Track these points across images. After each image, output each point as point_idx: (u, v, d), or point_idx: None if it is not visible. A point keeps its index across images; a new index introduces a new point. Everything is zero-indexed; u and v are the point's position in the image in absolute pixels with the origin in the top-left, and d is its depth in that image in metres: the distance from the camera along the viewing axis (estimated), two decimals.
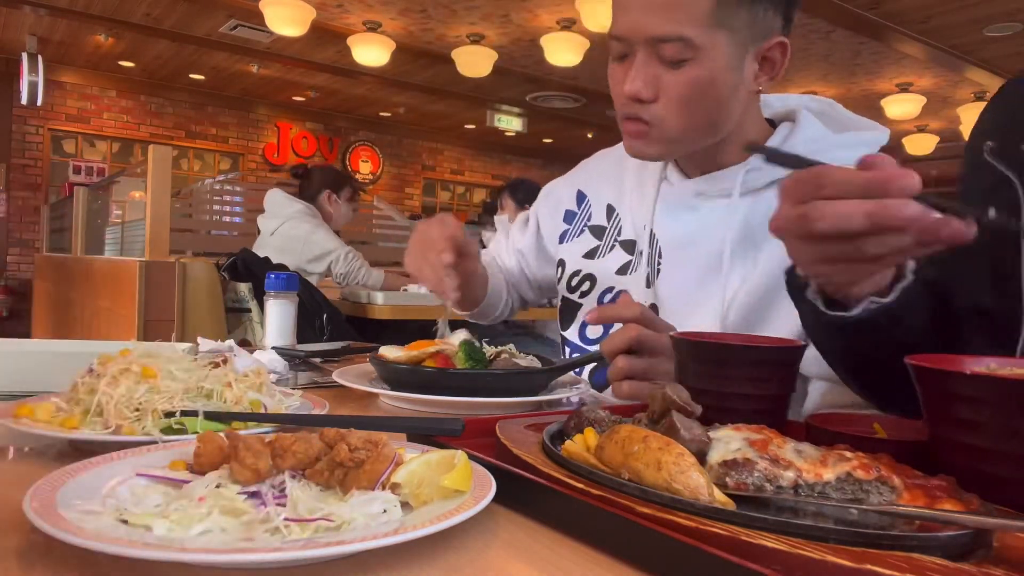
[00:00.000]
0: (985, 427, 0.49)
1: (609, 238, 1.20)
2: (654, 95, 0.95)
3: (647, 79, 0.94)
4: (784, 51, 0.98)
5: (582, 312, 1.20)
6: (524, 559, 0.46)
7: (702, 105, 0.95)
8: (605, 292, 1.16)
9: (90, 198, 4.87)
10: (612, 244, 1.19)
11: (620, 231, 1.18)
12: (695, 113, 0.96)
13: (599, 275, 1.18)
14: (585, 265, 1.21)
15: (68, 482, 0.49)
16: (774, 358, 0.70)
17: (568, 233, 1.27)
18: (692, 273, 1.06)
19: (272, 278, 1.34)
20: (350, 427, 0.55)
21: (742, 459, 0.50)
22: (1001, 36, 6.14)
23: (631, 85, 0.95)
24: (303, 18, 5.72)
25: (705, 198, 1.07)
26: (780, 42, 0.97)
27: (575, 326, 1.21)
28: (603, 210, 1.22)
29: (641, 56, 0.94)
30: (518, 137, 10.36)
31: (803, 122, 1.05)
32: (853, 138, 1.05)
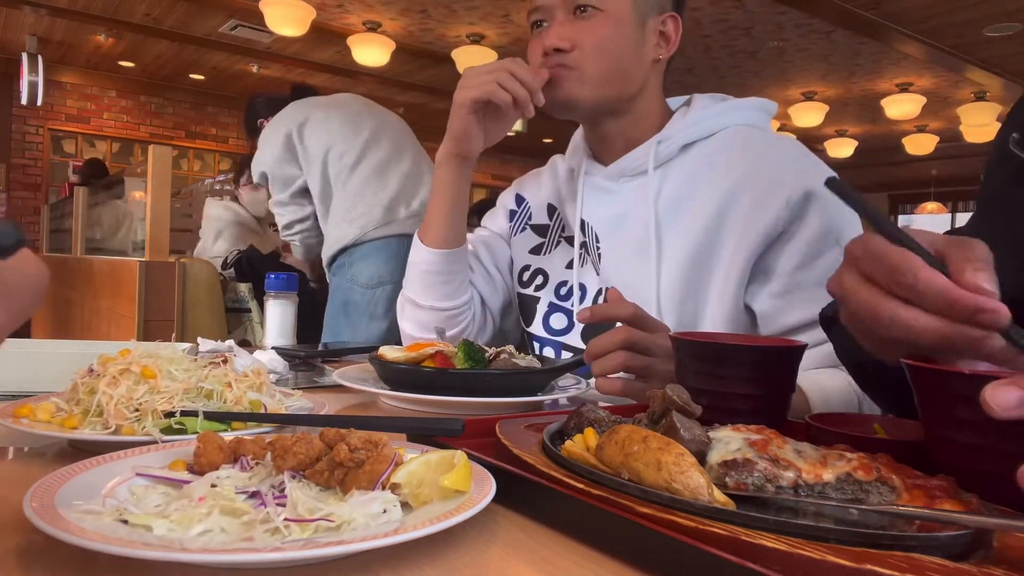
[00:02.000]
0: (982, 426, 0.49)
1: (554, 235, 1.28)
2: (571, 44, 1.09)
3: (563, 33, 1.09)
4: (676, 25, 1.14)
5: (541, 304, 1.25)
6: (524, 559, 0.46)
7: (612, 51, 1.09)
8: (559, 286, 1.23)
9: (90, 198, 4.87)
10: (558, 240, 1.27)
11: (564, 228, 1.27)
12: (607, 57, 1.09)
13: (550, 270, 1.26)
14: (533, 260, 1.29)
15: (68, 482, 0.49)
16: (774, 358, 0.70)
17: (512, 229, 1.35)
18: (626, 250, 1.14)
19: (272, 278, 1.34)
20: (350, 427, 0.55)
21: (742, 459, 0.50)
22: (1001, 36, 6.14)
23: (550, 39, 1.09)
24: (303, 18, 5.72)
25: (624, 178, 1.16)
26: (671, 16, 1.14)
27: (538, 318, 1.25)
28: (543, 209, 1.30)
29: (559, 17, 1.10)
30: (518, 137, 10.34)
31: (695, 100, 1.19)
32: (741, 102, 1.17)
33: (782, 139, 1.12)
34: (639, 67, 1.12)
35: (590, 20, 1.09)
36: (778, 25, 6.15)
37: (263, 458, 0.55)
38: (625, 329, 0.87)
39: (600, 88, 1.11)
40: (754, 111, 1.17)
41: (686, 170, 1.12)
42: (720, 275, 1.05)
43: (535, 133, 10.09)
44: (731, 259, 1.03)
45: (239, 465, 0.54)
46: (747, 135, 1.12)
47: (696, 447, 0.51)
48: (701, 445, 0.52)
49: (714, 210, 1.06)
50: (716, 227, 1.05)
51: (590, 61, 1.09)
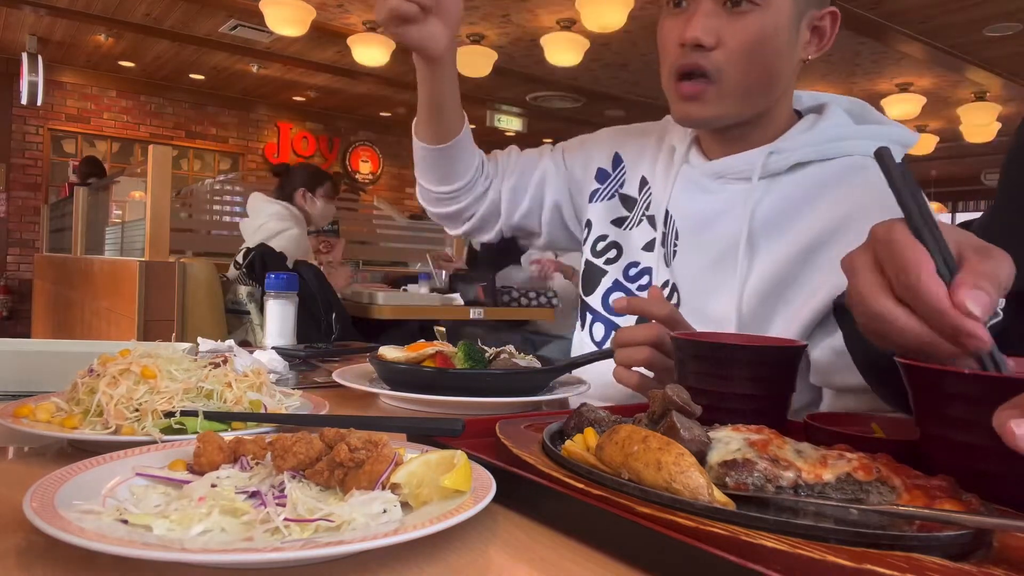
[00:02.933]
0: (977, 425, 0.49)
1: (638, 211, 1.17)
2: (715, 42, 0.94)
3: (709, 25, 0.93)
4: (835, 21, 1.00)
5: (607, 279, 1.17)
6: (524, 559, 0.46)
7: (762, 58, 0.95)
8: (631, 266, 1.14)
9: (90, 198, 4.88)
10: (641, 218, 1.16)
11: (648, 206, 1.16)
12: (755, 66, 0.95)
13: (626, 246, 1.17)
14: (612, 232, 1.19)
15: (68, 482, 0.49)
16: (774, 358, 0.70)
17: (598, 193, 1.23)
18: (706, 258, 1.04)
19: (272, 278, 1.34)
20: (350, 427, 0.55)
21: (742, 459, 0.50)
22: (1001, 36, 6.14)
23: (692, 30, 0.93)
24: (303, 18, 5.72)
25: (724, 180, 1.05)
26: (832, 12, 0.99)
27: (599, 292, 1.17)
28: (637, 181, 1.19)
29: (706, 5, 0.94)
30: (518, 137, 10.35)
31: (829, 112, 1.05)
32: (878, 131, 1.04)
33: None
34: (787, 72, 0.99)
35: (744, 17, 0.93)
36: None
37: (263, 458, 0.55)
38: (658, 327, 0.85)
39: (741, 103, 0.98)
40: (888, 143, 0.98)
41: (793, 190, 1.00)
42: (791, 310, 0.95)
43: (535, 133, 10.09)
44: (807, 298, 0.94)
45: (239, 465, 0.54)
46: (870, 172, 0.97)
47: (696, 447, 0.51)
48: (701, 445, 0.52)
49: (808, 242, 0.95)
50: (804, 260, 0.95)
51: (736, 66, 0.94)
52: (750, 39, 0.93)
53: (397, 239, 5.33)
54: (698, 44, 0.94)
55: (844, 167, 1.00)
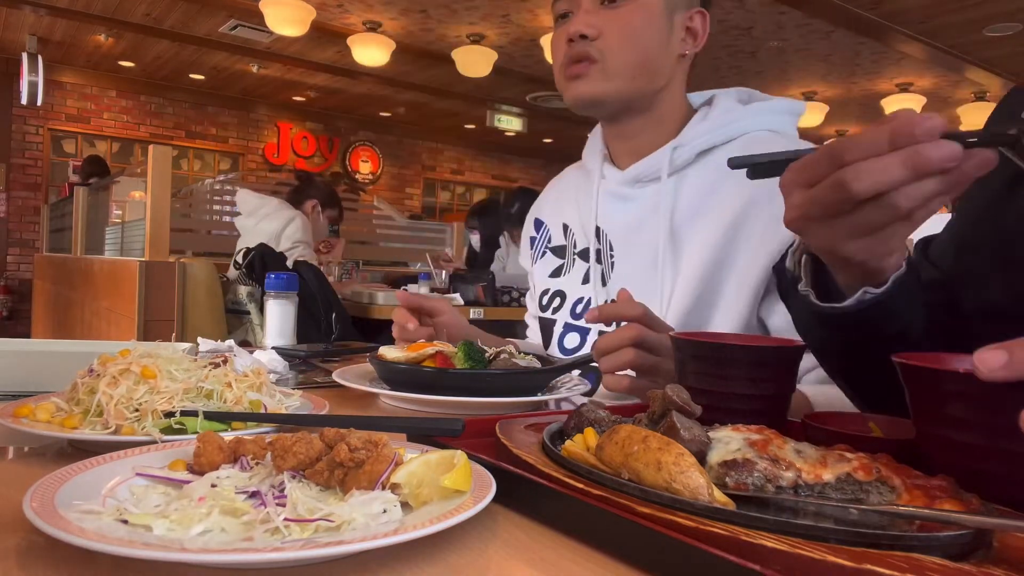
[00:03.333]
0: (976, 425, 0.49)
1: (569, 255, 1.26)
2: (597, 32, 1.06)
3: (590, 18, 1.07)
4: (704, 21, 1.12)
5: (557, 327, 1.23)
6: (524, 559, 0.46)
7: (639, 42, 1.06)
8: (576, 303, 1.21)
9: (90, 198, 4.88)
10: (573, 259, 1.25)
11: (576, 244, 1.25)
12: (634, 48, 1.06)
13: (567, 290, 1.24)
14: (552, 284, 1.27)
15: (68, 482, 0.49)
16: (774, 358, 0.70)
17: (534, 256, 1.34)
18: (640, 261, 1.11)
19: (272, 278, 1.34)
20: (350, 427, 0.55)
21: (742, 459, 0.50)
22: (1001, 36, 6.14)
23: (575, 25, 1.06)
24: (303, 18, 5.72)
25: (639, 185, 1.14)
26: (699, 11, 1.11)
27: (553, 341, 1.24)
28: (560, 230, 1.29)
29: (585, 5, 1.08)
30: (518, 137, 10.35)
31: (718, 100, 1.14)
32: (765, 105, 1.13)
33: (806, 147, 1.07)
34: (666, 61, 1.09)
35: (619, 8, 1.06)
36: (778, 25, 6.14)
37: (263, 458, 0.55)
38: (635, 327, 0.86)
39: (626, 82, 1.08)
40: (779, 115, 1.12)
41: (703, 178, 1.09)
42: (732, 289, 1.02)
43: (534, 133, 10.09)
44: (745, 272, 1.01)
45: (239, 465, 0.54)
46: (768, 143, 1.06)
47: (696, 447, 0.51)
48: (701, 445, 0.52)
49: (730, 221, 1.03)
50: (731, 239, 1.02)
51: (617, 51, 1.06)
52: (627, 26, 1.06)
53: (397, 239, 5.33)
54: (582, 35, 1.06)
55: (744, 144, 1.09)
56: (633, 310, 0.88)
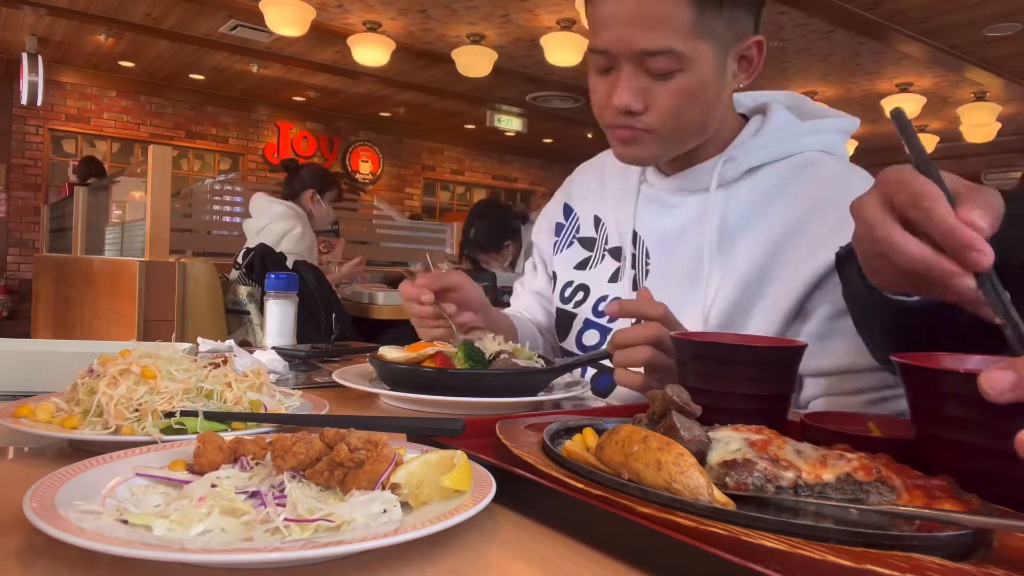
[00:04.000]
0: (973, 424, 0.49)
1: (599, 249, 1.22)
2: (644, 106, 0.96)
3: (636, 91, 0.95)
4: (760, 48, 1.01)
5: (577, 321, 1.20)
6: (524, 559, 0.46)
7: (691, 111, 0.97)
8: (600, 300, 1.18)
9: (90, 198, 4.88)
10: (603, 254, 1.21)
11: (607, 240, 1.20)
12: (685, 119, 0.98)
13: (592, 285, 1.20)
14: (577, 276, 1.23)
15: (68, 482, 0.49)
16: (774, 358, 0.70)
17: (557, 244, 1.29)
18: (678, 271, 1.07)
19: (272, 278, 1.34)
20: (350, 427, 0.55)
21: (742, 459, 0.50)
22: (1001, 36, 6.14)
23: (620, 98, 0.95)
24: (303, 18, 5.72)
25: (684, 194, 1.10)
26: (757, 41, 1.00)
27: (571, 336, 1.21)
28: (591, 222, 1.24)
29: (628, 69, 0.95)
30: (518, 137, 10.35)
31: (773, 113, 1.09)
32: (820, 124, 1.09)
33: (852, 174, 1.03)
34: (720, 109, 1.02)
35: (670, 80, 0.94)
36: (778, 25, 6.14)
37: (263, 458, 0.55)
38: (656, 326, 0.85)
39: (681, 144, 1.03)
40: (831, 134, 1.09)
41: (751, 194, 1.05)
42: (765, 310, 0.99)
43: (535, 133, 10.10)
44: (779, 296, 0.98)
45: (239, 465, 0.54)
46: (819, 166, 1.03)
47: (696, 447, 0.51)
48: (701, 445, 0.52)
49: (773, 243, 0.99)
50: (770, 261, 0.99)
51: (668, 124, 0.97)
52: (678, 100, 0.95)
53: (397, 239, 5.33)
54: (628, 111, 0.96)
55: (795, 166, 1.04)
56: (654, 309, 0.87)
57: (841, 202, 0.95)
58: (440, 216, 10.67)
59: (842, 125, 1.11)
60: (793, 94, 1.15)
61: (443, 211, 11.15)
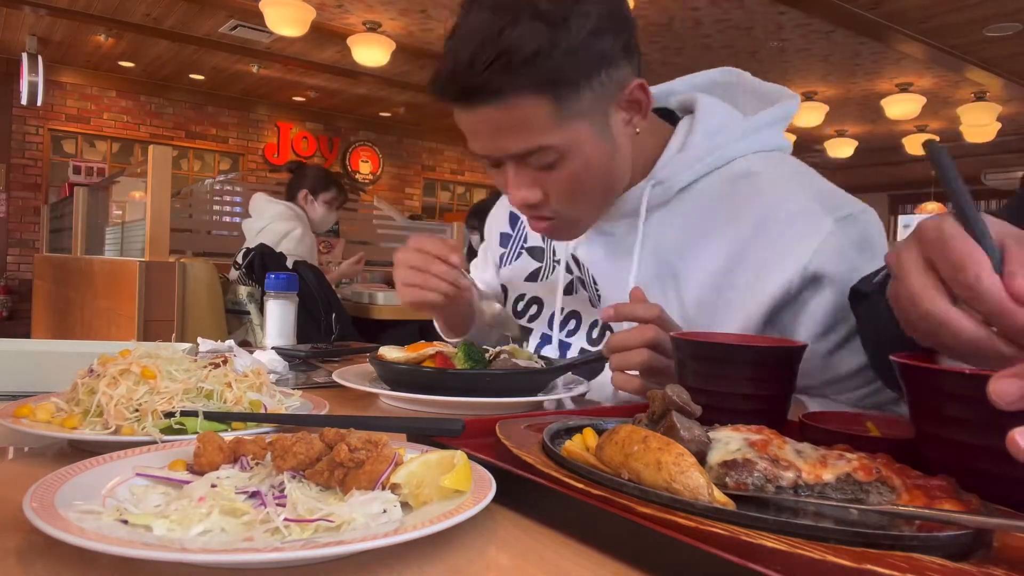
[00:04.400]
0: (973, 424, 0.49)
1: (548, 259, 1.18)
2: (541, 196, 0.93)
3: (528, 185, 0.93)
4: (644, 90, 0.93)
5: (533, 336, 1.18)
6: (524, 559, 0.46)
7: (591, 185, 0.94)
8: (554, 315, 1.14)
9: (90, 198, 4.88)
10: (553, 265, 1.17)
11: (555, 252, 1.16)
12: (589, 194, 0.95)
13: (546, 298, 1.17)
14: (529, 288, 1.20)
15: (68, 482, 0.49)
16: (774, 358, 0.70)
17: (505, 256, 1.26)
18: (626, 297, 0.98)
19: (272, 278, 1.34)
20: (350, 427, 0.55)
21: (742, 459, 0.50)
22: (1001, 36, 6.14)
23: (516, 196, 0.93)
24: (303, 18, 5.72)
25: (615, 220, 1.04)
26: (638, 84, 0.93)
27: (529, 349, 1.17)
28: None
29: (512, 167, 0.92)
30: None
31: (702, 113, 1.02)
32: (756, 121, 1.01)
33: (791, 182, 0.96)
34: (621, 164, 0.97)
35: (554, 170, 0.91)
36: (778, 25, 6.15)
37: (263, 458, 0.55)
38: (652, 328, 0.84)
39: (597, 211, 1.00)
40: (767, 129, 1.02)
41: (688, 214, 0.99)
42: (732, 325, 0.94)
43: None
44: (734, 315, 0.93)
45: (239, 465, 0.54)
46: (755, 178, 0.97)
47: (696, 447, 0.52)
48: (701, 445, 0.52)
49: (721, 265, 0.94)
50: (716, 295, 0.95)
51: (569, 207, 0.95)
52: (571, 184, 0.92)
53: (397, 239, 5.33)
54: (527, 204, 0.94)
55: (730, 180, 0.98)
56: (649, 312, 0.85)
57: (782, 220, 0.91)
58: (440, 216, 10.67)
59: (780, 113, 1.03)
60: (729, 69, 1.09)
61: (443, 211, 11.14)
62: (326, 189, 3.47)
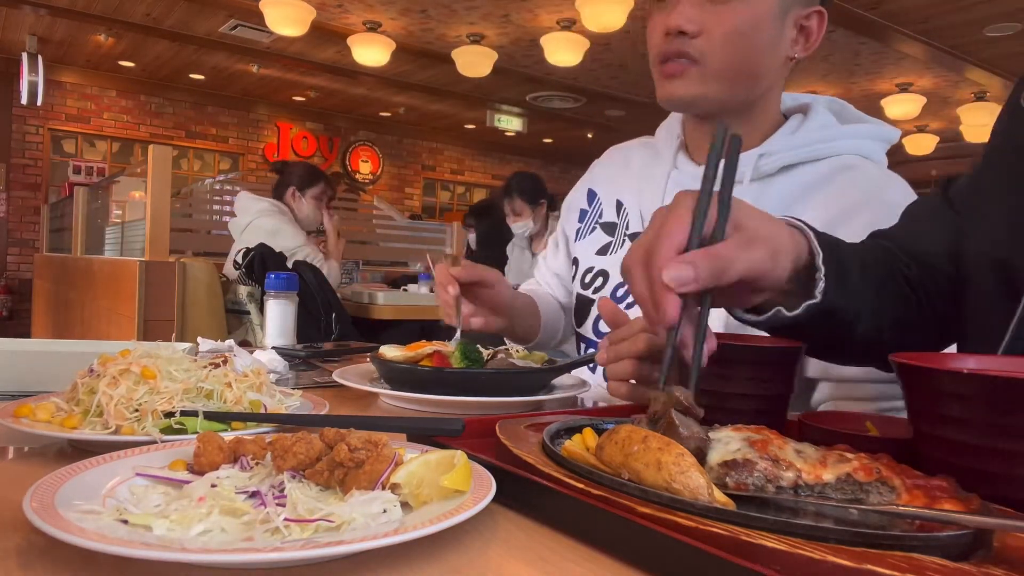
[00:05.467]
0: (975, 425, 0.49)
1: (620, 234, 1.20)
2: (699, 29, 0.96)
3: (692, 12, 0.96)
4: (821, 21, 1.01)
5: (595, 308, 1.19)
6: (524, 559, 0.46)
7: (744, 47, 0.97)
8: (619, 286, 1.17)
9: (90, 198, 4.88)
10: (623, 239, 1.20)
11: (628, 226, 1.19)
12: (737, 54, 0.98)
13: (612, 271, 1.19)
14: (598, 262, 1.22)
15: (68, 482, 0.49)
16: (774, 358, 0.70)
17: (580, 231, 1.29)
18: None
19: (272, 278, 1.34)
20: (350, 427, 0.55)
21: (742, 460, 0.50)
22: (1001, 36, 6.14)
23: (675, 19, 0.96)
24: (303, 18, 5.72)
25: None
26: (818, 10, 1.00)
27: (589, 321, 1.20)
28: (613, 206, 1.23)
29: None
30: (518, 137, 10.35)
31: (813, 113, 1.07)
32: (859, 129, 1.07)
33: (891, 181, 1.03)
34: (771, 66, 1.01)
35: (727, 6, 0.95)
36: None
37: (263, 458, 0.55)
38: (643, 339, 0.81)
39: (726, 87, 1.00)
40: (871, 140, 1.07)
41: (785, 192, 1.03)
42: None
43: (534, 133, 10.10)
44: None
45: (239, 465, 0.54)
46: (857, 170, 1.02)
47: (695, 443, 0.52)
48: (700, 442, 0.52)
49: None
50: None
51: (718, 53, 0.97)
52: (732, 27, 0.96)
53: (397, 239, 5.33)
54: (681, 31, 0.97)
55: (833, 168, 1.03)
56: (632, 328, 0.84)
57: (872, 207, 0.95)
58: (440, 216, 10.67)
59: (883, 133, 1.09)
60: (837, 99, 1.15)
61: (443, 211, 11.15)
62: (313, 184, 3.45)
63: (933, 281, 0.79)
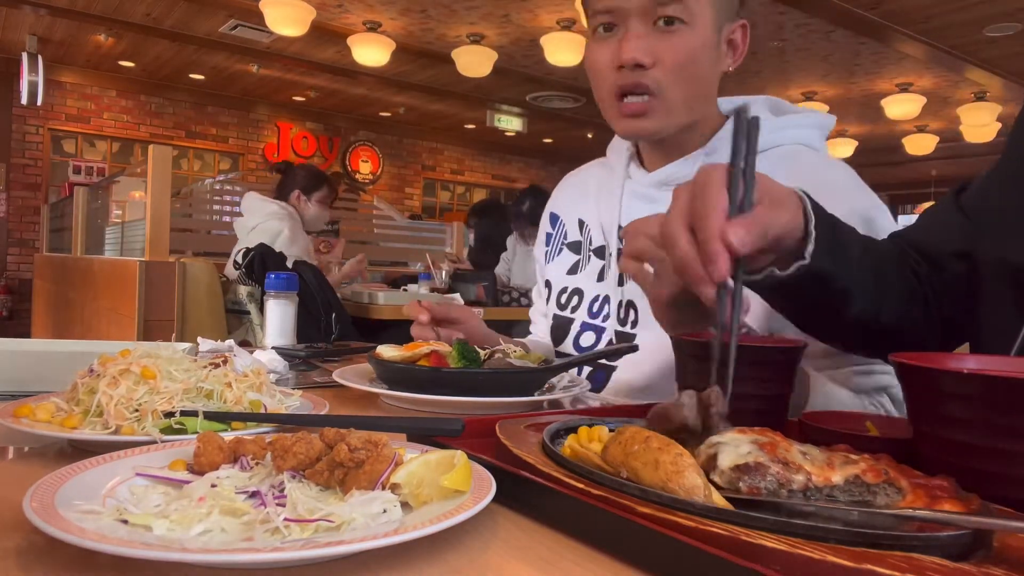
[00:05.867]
0: (975, 425, 0.49)
1: (585, 251, 1.23)
2: (652, 61, 0.98)
3: (643, 45, 0.97)
4: (744, 34, 1.05)
5: (574, 325, 1.21)
6: (524, 559, 0.46)
7: (695, 72, 1.00)
8: (592, 302, 1.19)
9: (90, 198, 4.88)
10: (588, 256, 1.22)
11: (591, 241, 1.22)
12: (691, 78, 1.00)
13: (584, 288, 1.21)
14: (570, 281, 1.24)
15: (68, 482, 0.49)
16: (774, 358, 0.70)
17: (549, 253, 1.31)
18: None
19: (272, 278, 1.34)
20: (350, 427, 0.55)
21: (754, 463, 0.49)
22: (1001, 36, 6.14)
23: (630, 52, 0.97)
24: (303, 18, 5.72)
25: (667, 188, 1.09)
26: (742, 24, 1.04)
27: (569, 339, 1.21)
28: (575, 225, 1.26)
29: (635, 24, 0.98)
30: (518, 137, 10.35)
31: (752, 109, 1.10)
32: (798, 119, 1.10)
33: (835, 166, 1.06)
34: (714, 83, 1.05)
35: (675, 35, 0.97)
36: (778, 25, 6.15)
37: (263, 458, 0.55)
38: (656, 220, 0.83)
39: (684, 113, 1.03)
40: (810, 129, 1.10)
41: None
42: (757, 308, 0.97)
43: (534, 133, 10.09)
44: None
45: (239, 465, 0.54)
46: (799, 159, 1.05)
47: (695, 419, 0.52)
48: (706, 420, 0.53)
49: None
50: None
51: (673, 82, 0.99)
52: (684, 56, 0.98)
53: (397, 239, 5.34)
54: (637, 64, 0.97)
55: (774, 159, 1.05)
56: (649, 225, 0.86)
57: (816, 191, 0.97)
58: (440, 216, 10.67)
59: (818, 120, 1.12)
60: (771, 98, 1.17)
61: (443, 211, 11.15)
62: (319, 188, 3.51)
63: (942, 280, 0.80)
